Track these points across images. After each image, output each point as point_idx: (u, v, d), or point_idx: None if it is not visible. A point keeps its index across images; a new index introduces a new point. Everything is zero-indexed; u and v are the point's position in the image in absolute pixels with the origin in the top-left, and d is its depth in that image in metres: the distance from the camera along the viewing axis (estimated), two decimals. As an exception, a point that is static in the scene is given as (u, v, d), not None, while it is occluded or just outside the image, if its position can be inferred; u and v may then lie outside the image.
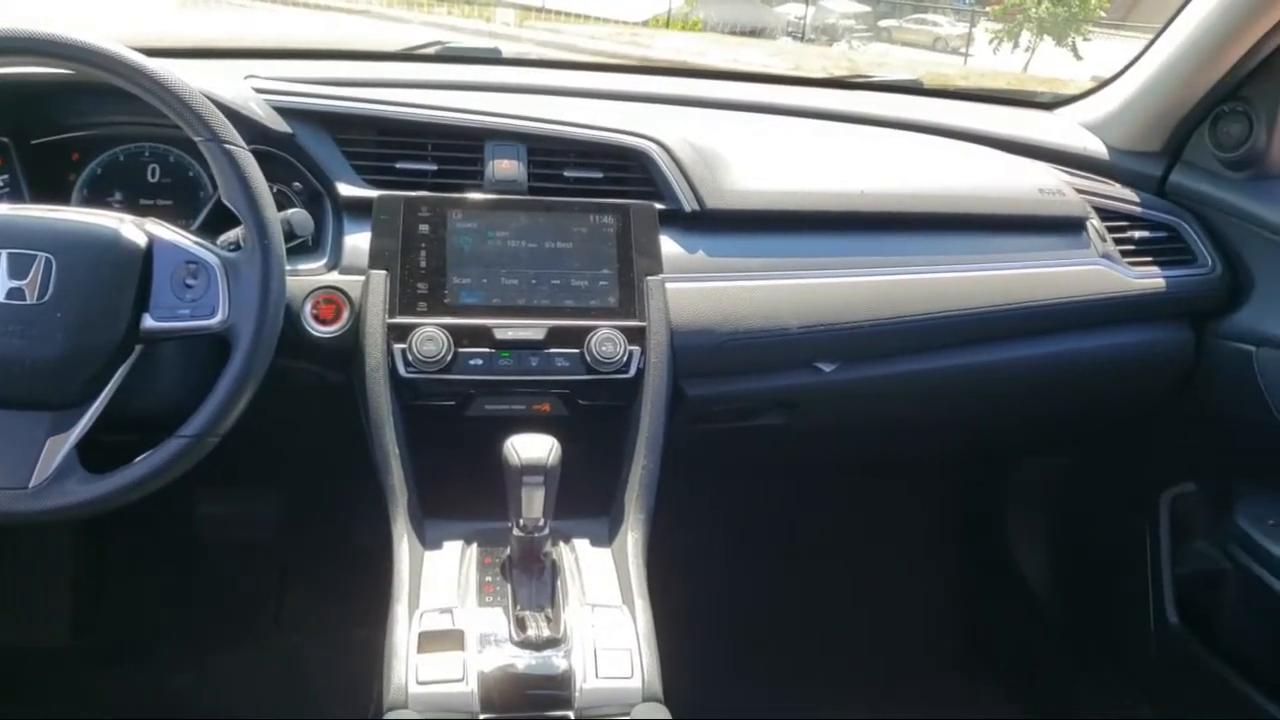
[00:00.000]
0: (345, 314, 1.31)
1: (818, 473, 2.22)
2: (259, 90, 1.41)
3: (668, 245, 1.41)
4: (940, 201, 1.58)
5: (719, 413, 1.52)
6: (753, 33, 14.60)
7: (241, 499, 2.16)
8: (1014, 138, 1.81)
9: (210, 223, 1.35)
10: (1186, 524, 1.87)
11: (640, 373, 1.32)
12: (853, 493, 2.31)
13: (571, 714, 1.06)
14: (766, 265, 1.46)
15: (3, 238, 1.11)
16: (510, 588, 1.15)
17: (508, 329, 1.30)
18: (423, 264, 1.32)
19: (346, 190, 1.39)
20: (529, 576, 1.16)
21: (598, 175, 1.47)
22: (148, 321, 1.13)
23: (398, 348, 1.27)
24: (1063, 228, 1.64)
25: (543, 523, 1.13)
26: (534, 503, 1.11)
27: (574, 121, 1.48)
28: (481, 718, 1.04)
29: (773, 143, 1.66)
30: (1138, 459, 1.98)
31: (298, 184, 1.41)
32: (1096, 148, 1.83)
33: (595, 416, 1.35)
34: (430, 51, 1.98)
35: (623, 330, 1.32)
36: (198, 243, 1.18)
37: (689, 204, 1.45)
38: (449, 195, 1.38)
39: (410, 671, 1.06)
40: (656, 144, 1.47)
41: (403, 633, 1.11)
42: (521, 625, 1.11)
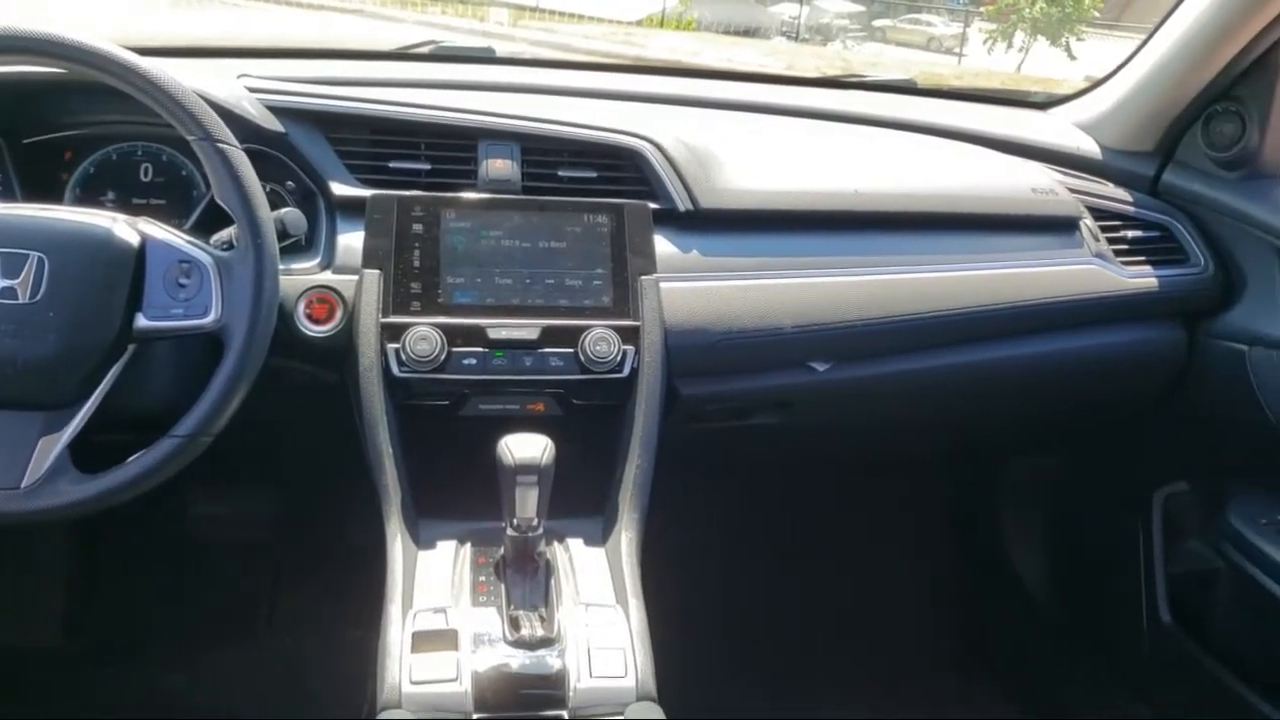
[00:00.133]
0: (338, 313, 1.31)
1: (812, 472, 2.22)
2: (252, 89, 1.41)
3: (662, 245, 1.41)
4: (934, 201, 1.59)
5: (713, 412, 1.52)
6: (747, 32, 14.59)
7: (235, 498, 2.16)
8: (1007, 137, 1.81)
9: (203, 222, 1.35)
10: (1179, 523, 1.87)
11: (634, 372, 1.32)
12: (847, 492, 2.31)
13: (565, 713, 1.06)
14: (760, 265, 1.46)
15: None
16: (504, 587, 1.15)
17: (501, 328, 1.30)
18: (416, 263, 1.32)
19: (340, 189, 1.39)
20: (523, 576, 1.16)
21: (592, 175, 1.47)
22: (140, 321, 1.13)
23: (391, 347, 1.27)
24: (1056, 227, 1.65)
25: (537, 522, 1.14)
26: (528, 502, 1.11)
27: (568, 121, 1.48)
28: (475, 717, 1.04)
29: (767, 142, 1.66)
30: (1131, 458, 1.98)
31: (291, 183, 1.40)
32: (1090, 147, 1.83)
33: (589, 416, 1.35)
34: (424, 51, 1.98)
35: (617, 330, 1.32)
36: (191, 242, 1.17)
37: (683, 203, 1.45)
38: (443, 195, 1.38)
39: (404, 671, 1.06)
40: (651, 143, 1.47)
41: (396, 632, 1.11)
42: (515, 625, 1.11)
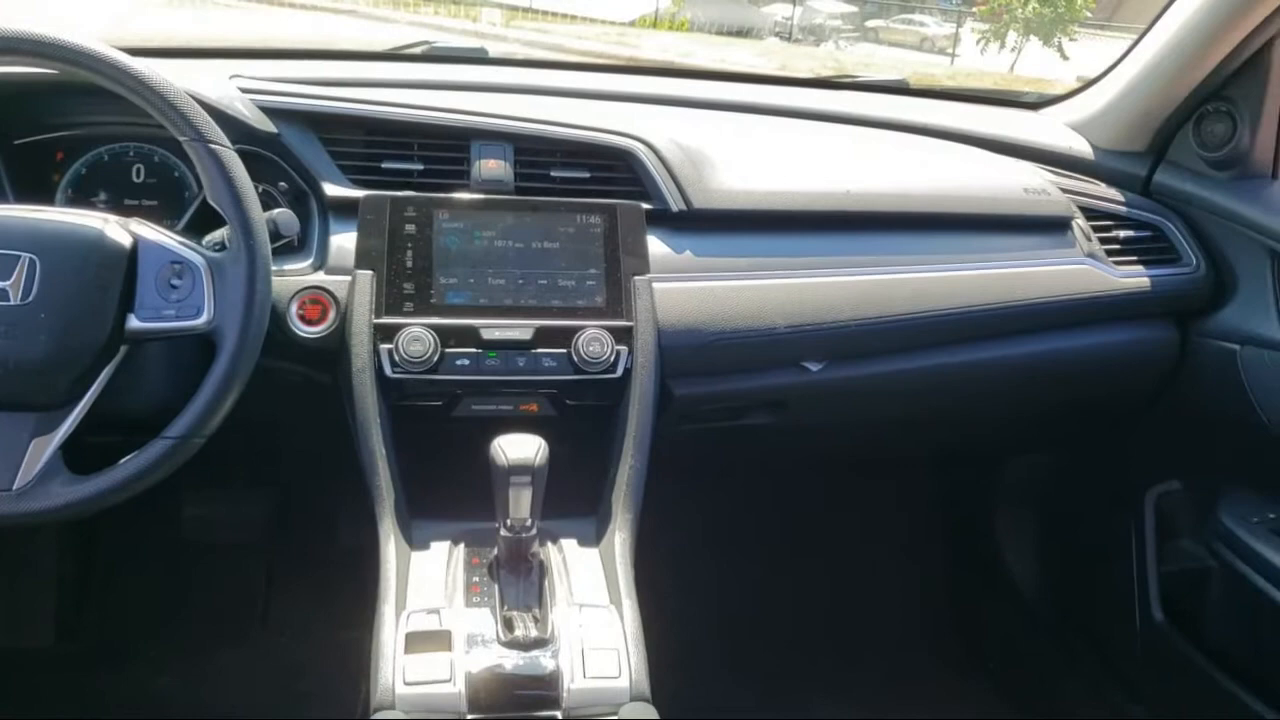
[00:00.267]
0: (331, 314, 1.30)
1: (805, 472, 2.22)
2: (244, 90, 1.41)
3: (655, 245, 1.41)
4: (926, 201, 1.59)
5: (707, 412, 1.52)
6: (740, 33, 14.59)
7: (228, 500, 2.16)
8: (1000, 138, 1.82)
9: (195, 223, 1.35)
10: (1171, 522, 1.88)
11: (628, 372, 1.32)
12: (841, 492, 2.31)
13: (559, 714, 1.06)
14: (753, 265, 1.46)
15: None
16: (498, 588, 1.15)
17: (494, 329, 1.30)
18: (409, 264, 1.32)
19: (332, 190, 1.38)
20: (516, 577, 1.16)
21: (585, 175, 1.47)
22: (133, 322, 1.13)
23: (384, 348, 1.27)
24: (1048, 227, 1.65)
25: (530, 523, 1.13)
26: (521, 503, 1.11)
27: (561, 121, 1.48)
28: (469, 718, 1.04)
29: (759, 143, 1.66)
30: (1123, 457, 1.99)
31: (283, 184, 1.40)
32: (1082, 147, 1.84)
33: (583, 416, 1.35)
34: (416, 51, 1.98)
35: (610, 330, 1.32)
36: (183, 243, 1.17)
37: (676, 204, 1.45)
38: (435, 195, 1.38)
39: (397, 672, 1.06)
40: (643, 144, 1.47)
41: (390, 633, 1.10)
42: (509, 625, 1.10)
